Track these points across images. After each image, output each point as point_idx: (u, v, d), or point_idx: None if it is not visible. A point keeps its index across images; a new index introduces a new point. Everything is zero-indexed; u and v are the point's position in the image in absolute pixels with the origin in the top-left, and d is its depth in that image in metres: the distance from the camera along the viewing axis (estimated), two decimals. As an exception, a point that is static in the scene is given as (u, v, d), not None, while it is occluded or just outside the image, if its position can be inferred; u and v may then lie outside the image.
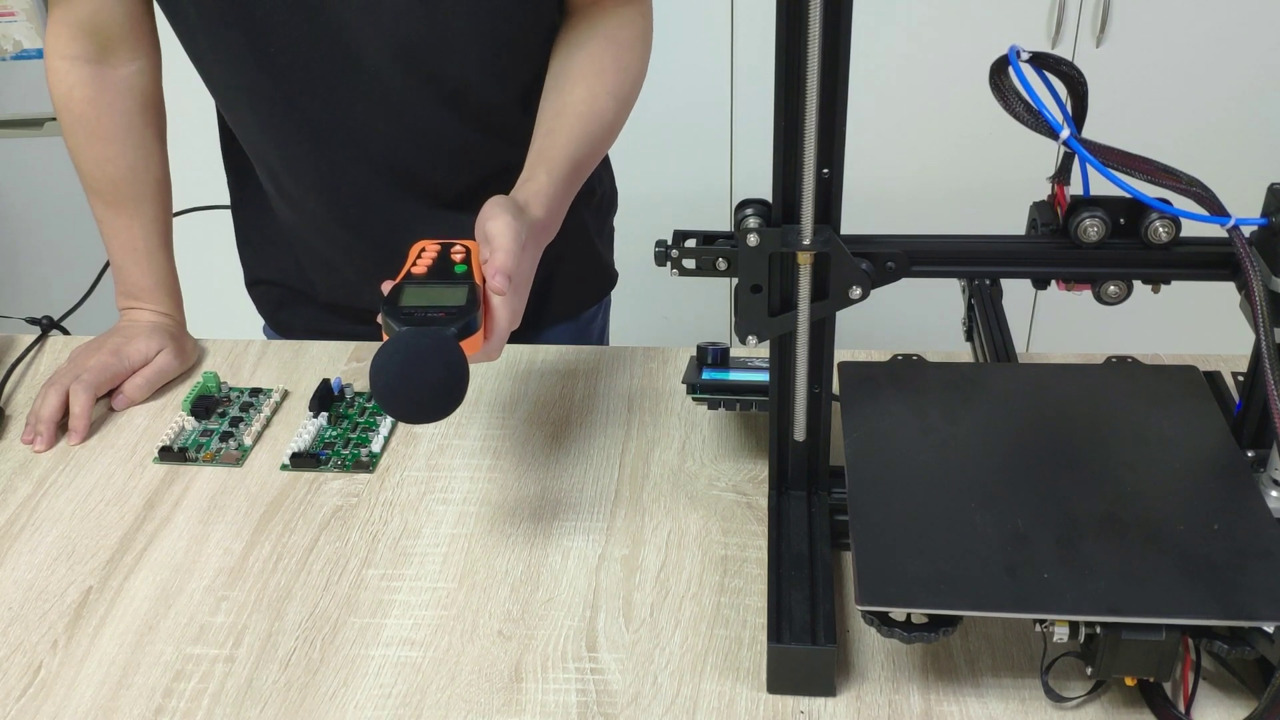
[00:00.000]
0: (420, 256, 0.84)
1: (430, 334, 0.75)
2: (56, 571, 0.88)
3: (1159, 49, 1.96)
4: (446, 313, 0.77)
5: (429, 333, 0.75)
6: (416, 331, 0.75)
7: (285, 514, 0.92)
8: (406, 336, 0.75)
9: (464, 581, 0.85)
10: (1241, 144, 2.01)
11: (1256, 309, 0.69)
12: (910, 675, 0.76)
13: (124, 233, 1.11)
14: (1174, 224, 0.74)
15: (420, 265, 0.83)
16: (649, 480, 0.94)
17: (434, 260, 0.84)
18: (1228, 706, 0.73)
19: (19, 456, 1.00)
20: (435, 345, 0.75)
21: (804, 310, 0.77)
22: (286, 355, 1.13)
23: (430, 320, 0.76)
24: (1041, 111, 0.70)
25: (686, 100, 2.03)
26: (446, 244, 0.85)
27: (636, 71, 1.04)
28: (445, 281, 0.81)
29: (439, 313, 0.77)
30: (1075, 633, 0.69)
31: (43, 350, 1.15)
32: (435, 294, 0.79)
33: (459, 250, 0.84)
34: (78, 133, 1.07)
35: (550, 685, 0.77)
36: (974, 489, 0.77)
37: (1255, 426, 0.81)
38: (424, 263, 0.83)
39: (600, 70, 1.01)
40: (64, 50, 1.05)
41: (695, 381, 0.93)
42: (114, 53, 1.05)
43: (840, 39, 0.69)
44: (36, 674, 0.79)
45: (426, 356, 0.75)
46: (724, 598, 0.83)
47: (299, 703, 0.76)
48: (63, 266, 2.49)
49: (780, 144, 0.73)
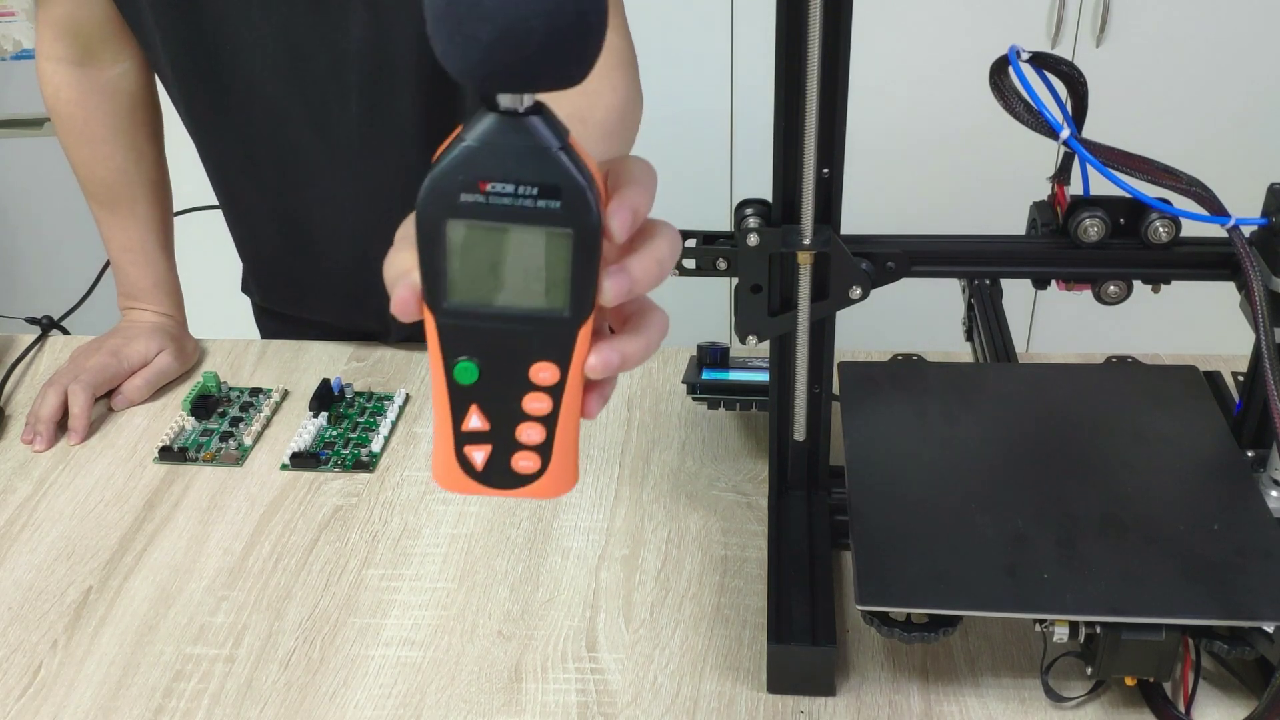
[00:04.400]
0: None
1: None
2: (56, 571, 0.88)
3: (1159, 49, 1.96)
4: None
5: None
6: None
7: (285, 514, 0.92)
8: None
9: (464, 581, 0.85)
10: (1241, 144, 2.01)
11: (1256, 309, 0.69)
12: (910, 675, 0.76)
13: (121, 234, 1.11)
14: (1174, 224, 0.74)
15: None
16: (649, 480, 0.94)
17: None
18: (1228, 706, 0.73)
19: (19, 456, 1.00)
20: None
21: (804, 310, 0.77)
22: (286, 355, 1.13)
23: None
24: (1041, 111, 0.70)
25: (687, 100, 2.03)
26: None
27: (610, 99, 0.86)
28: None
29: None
30: (1075, 633, 0.69)
31: (43, 350, 1.15)
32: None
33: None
34: (67, 134, 1.07)
35: (550, 685, 0.77)
36: (974, 489, 0.77)
37: (1255, 426, 0.81)
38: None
39: (552, 96, 0.86)
40: (50, 52, 1.05)
41: (695, 381, 0.93)
42: (99, 54, 1.05)
43: (840, 39, 0.69)
44: (36, 674, 0.79)
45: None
46: (724, 598, 0.83)
47: (299, 703, 0.76)
48: (63, 266, 2.48)
49: (780, 144, 0.73)
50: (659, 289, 0.52)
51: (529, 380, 0.48)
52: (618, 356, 0.48)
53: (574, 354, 0.47)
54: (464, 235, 0.45)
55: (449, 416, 0.49)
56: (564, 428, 0.49)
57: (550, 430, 0.49)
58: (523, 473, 0.50)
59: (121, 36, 1.04)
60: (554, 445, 0.50)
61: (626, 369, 0.49)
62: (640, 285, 0.48)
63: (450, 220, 0.45)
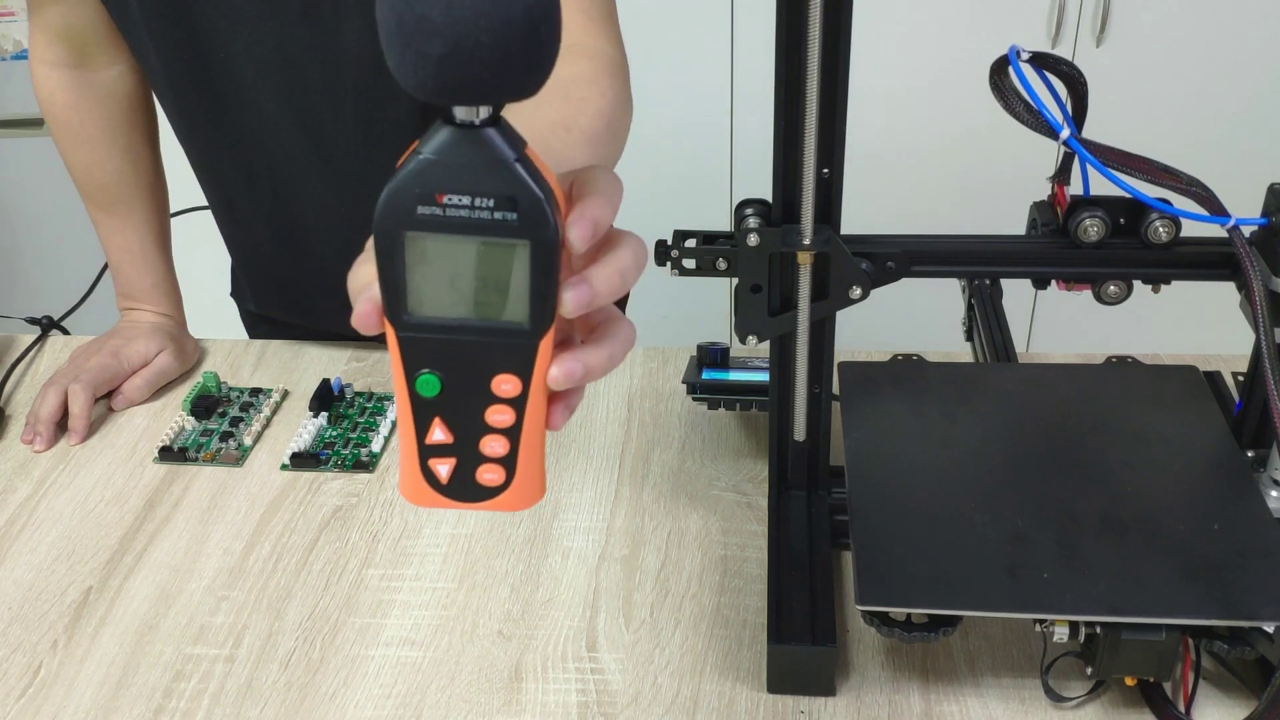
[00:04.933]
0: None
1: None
2: (56, 571, 0.88)
3: (1159, 49, 1.96)
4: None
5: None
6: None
7: (285, 514, 0.92)
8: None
9: (464, 581, 0.85)
10: (1241, 144, 2.01)
11: (1256, 309, 0.69)
12: (910, 675, 0.76)
13: (118, 235, 1.11)
14: (1174, 224, 0.74)
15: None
16: (649, 480, 0.94)
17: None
18: (1228, 706, 0.73)
19: (19, 456, 1.00)
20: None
21: (804, 310, 0.77)
22: (286, 355, 1.13)
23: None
24: (1041, 111, 0.70)
25: (687, 100, 2.03)
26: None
27: (598, 105, 0.82)
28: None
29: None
30: (1075, 633, 0.69)
31: (43, 350, 1.15)
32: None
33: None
34: (63, 138, 1.07)
35: (550, 685, 0.77)
36: (974, 489, 0.77)
37: (1255, 426, 0.81)
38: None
39: (537, 103, 0.84)
40: (44, 55, 1.05)
41: (695, 381, 0.93)
42: (92, 57, 1.05)
43: (840, 39, 0.69)
44: (36, 674, 0.79)
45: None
46: (724, 598, 0.83)
47: (299, 703, 0.76)
48: (63, 266, 2.48)
49: (780, 144, 0.73)
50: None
51: (491, 393, 0.48)
52: (580, 368, 0.48)
53: (535, 366, 0.47)
54: (421, 248, 0.45)
55: (412, 430, 0.49)
56: (528, 440, 0.49)
57: (514, 442, 0.49)
58: (488, 485, 0.50)
59: (115, 39, 1.04)
60: (518, 458, 0.49)
61: (590, 380, 0.49)
62: (601, 296, 0.47)
63: (407, 233, 0.45)
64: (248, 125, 1.01)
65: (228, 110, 1.00)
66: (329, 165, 1.02)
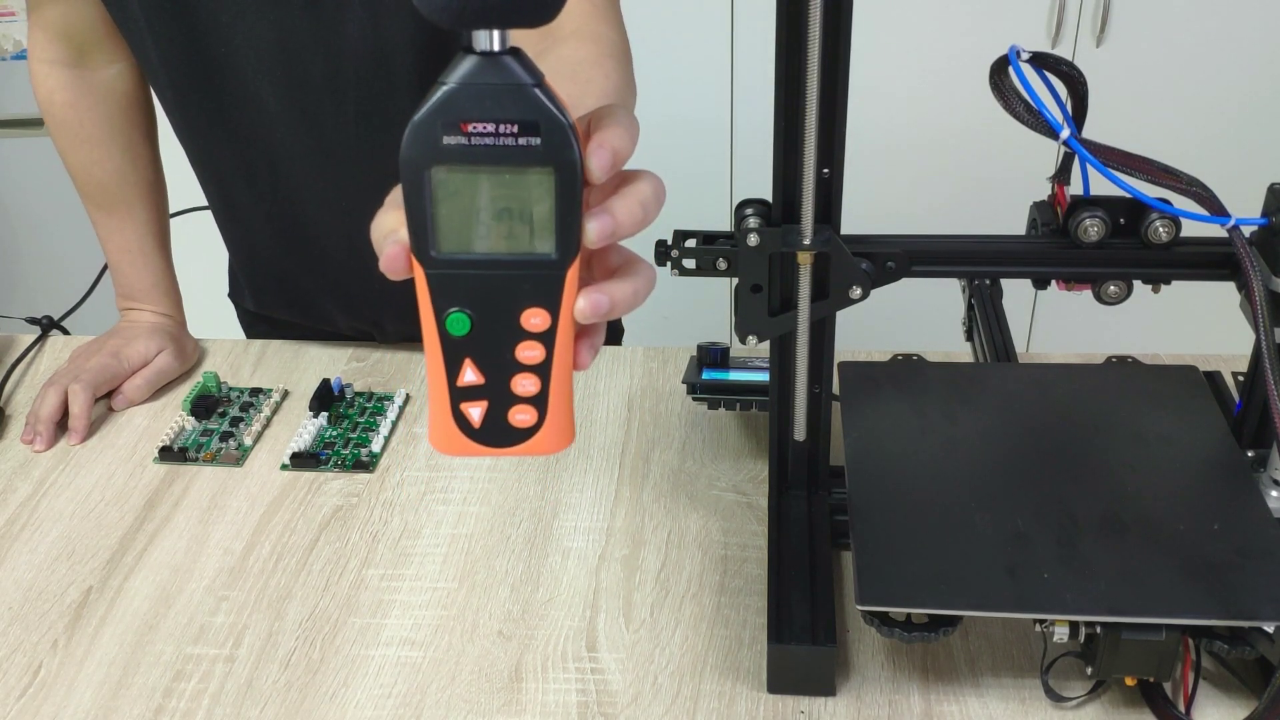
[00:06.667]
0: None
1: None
2: (56, 571, 0.88)
3: (1159, 49, 1.96)
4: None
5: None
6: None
7: (285, 514, 0.92)
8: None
9: (464, 581, 0.85)
10: (1241, 144, 2.01)
11: (1256, 309, 0.69)
12: (910, 675, 0.76)
13: (118, 235, 1.11)
14: (1174, 224, 0.74)
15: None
16: (649, 480, 0.94)
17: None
18: (1228, 706, 0.73)
19: (19, 456, 1.00)
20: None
21: (804, 310, 0.77)
22: (286, 355, 1.13)
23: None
24: (1041, 111, 0.70)
25: (687, 100, 2.03)
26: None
27: (603, 86, 0.81)
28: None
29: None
30: (1075, 633, 0.69)
31: (43, 350, 1.15)
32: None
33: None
34: (62, 137, 1.07)
35: (550, 685, 0.77)
36: (974, 489, 0.77)
37: (1255, 426, 0.81)
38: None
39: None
40: (42, 54, 1.05)
41: (695, 381, 0.93)
42: (92, 56, 1.05)
43: (840, 39, 0.69)
44: (36, 674, 0.79)
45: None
46: (724, 598, 0.83)
47: (299, 703, 0.76)
48: (63, 266, 2.48)
49: (780, 144, 0.73)
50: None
51: (521, 327, 0.48)
52: (606, 300, 0.48)
53: (563, 298, 0.48)
54: (448, 180, 0.46)
55: (443, 373, 0.49)
56: (558, 378, 0.49)
57: (545, 380, 0.49)
58: (520, 426, 0.50)
59: (115, 38, 1.04)
60: (549, 397, 0.50)
61: (616, 315, 0.49)
62: (624, 228, 0.48)
63: (434, 166, 0.45)
64: (248, 120, 1.01)
65: (228, 105, 1.00)
66: (330, 159, 1.02)
